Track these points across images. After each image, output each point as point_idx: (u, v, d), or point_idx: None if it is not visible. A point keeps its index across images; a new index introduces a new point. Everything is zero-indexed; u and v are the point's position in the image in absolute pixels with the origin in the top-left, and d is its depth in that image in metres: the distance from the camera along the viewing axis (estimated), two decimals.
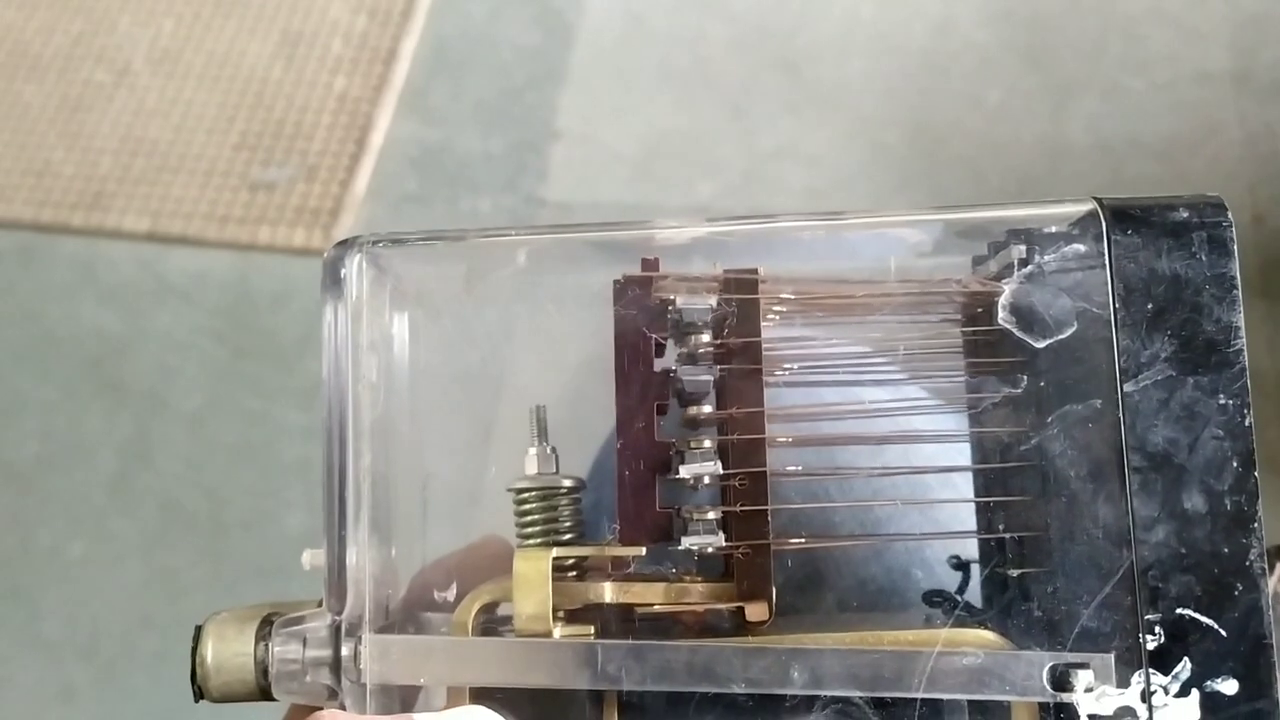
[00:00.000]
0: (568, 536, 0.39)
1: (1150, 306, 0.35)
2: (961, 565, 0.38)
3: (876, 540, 0.36)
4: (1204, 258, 0.35)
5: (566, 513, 0.40)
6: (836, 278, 0.38)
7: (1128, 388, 0.34)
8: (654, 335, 0.37)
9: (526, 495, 0.40)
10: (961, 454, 0.38)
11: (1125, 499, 0.34)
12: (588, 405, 0.41)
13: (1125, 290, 0.35)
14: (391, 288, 0.43)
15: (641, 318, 0.38)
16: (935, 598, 0.40)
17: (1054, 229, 0.36)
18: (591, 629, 0.37)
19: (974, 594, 0.38)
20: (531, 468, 0.40)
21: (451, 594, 0.42)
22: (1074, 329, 0.35)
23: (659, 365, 0.38)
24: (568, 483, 0.40)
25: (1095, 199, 0.36)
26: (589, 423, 0.42)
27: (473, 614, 0.37)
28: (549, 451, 0.41)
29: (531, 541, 0.39)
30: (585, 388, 0.41)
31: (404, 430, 0.45)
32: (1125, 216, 0.35)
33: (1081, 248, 0.35)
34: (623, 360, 0.37)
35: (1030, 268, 0.35)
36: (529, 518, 0.40)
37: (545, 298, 0.42)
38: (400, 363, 0.45)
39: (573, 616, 0.38)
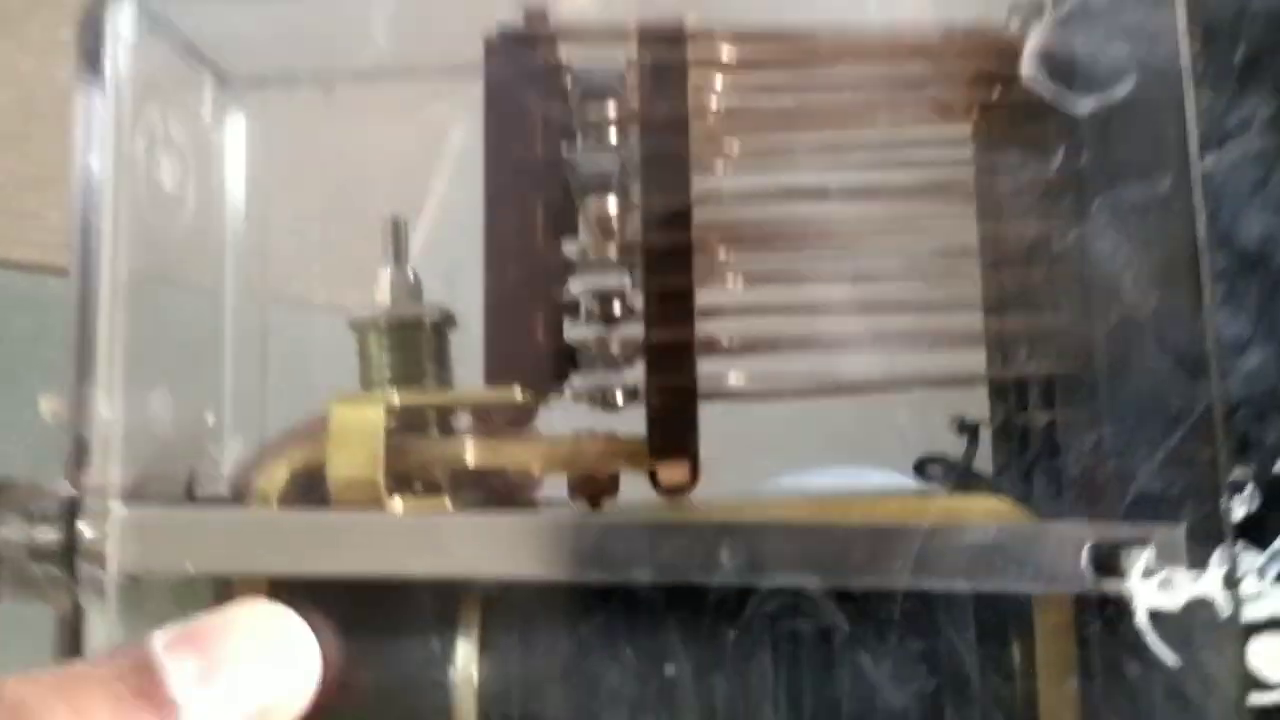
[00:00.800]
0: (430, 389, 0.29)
1: (1243, 51, 0.24)
2: (969, 427, 0.28)
3: (847, 391, 0.26)
4: None
5: (428, 355, 0.29)
6: (794, 30, 0.27)
7: (1209, 162, 0.24)
8: (536, 105, 0.27)
9: (372, 331, 0.29)
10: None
11: (1203, 313, 0.24)
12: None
13: (1206, 30, 0.25)
14: (211, 73, 0.33)
15: (520, 84, 0.27)
16: (930, 464, 0.30)
17: None
18: (445, 502, 0.26)
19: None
20: (383, 295, 0.30)
21: None
22: (1131, 88, 0.25)
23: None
24: (430, 316, 0.29)
25: None
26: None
27: (279, 482, 0.26)
28: (410, 277, 0.30)
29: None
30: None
31: (231, 261, 0.34)
32: None
33: None
34: (494, 140, 0.27)
35: (1070, 2, 0.25)
36: (375, 361, 0.29)
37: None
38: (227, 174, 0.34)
39: (425, 487, 0.27)
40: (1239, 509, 0.22)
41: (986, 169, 0.27)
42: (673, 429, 0.25)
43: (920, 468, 0.28)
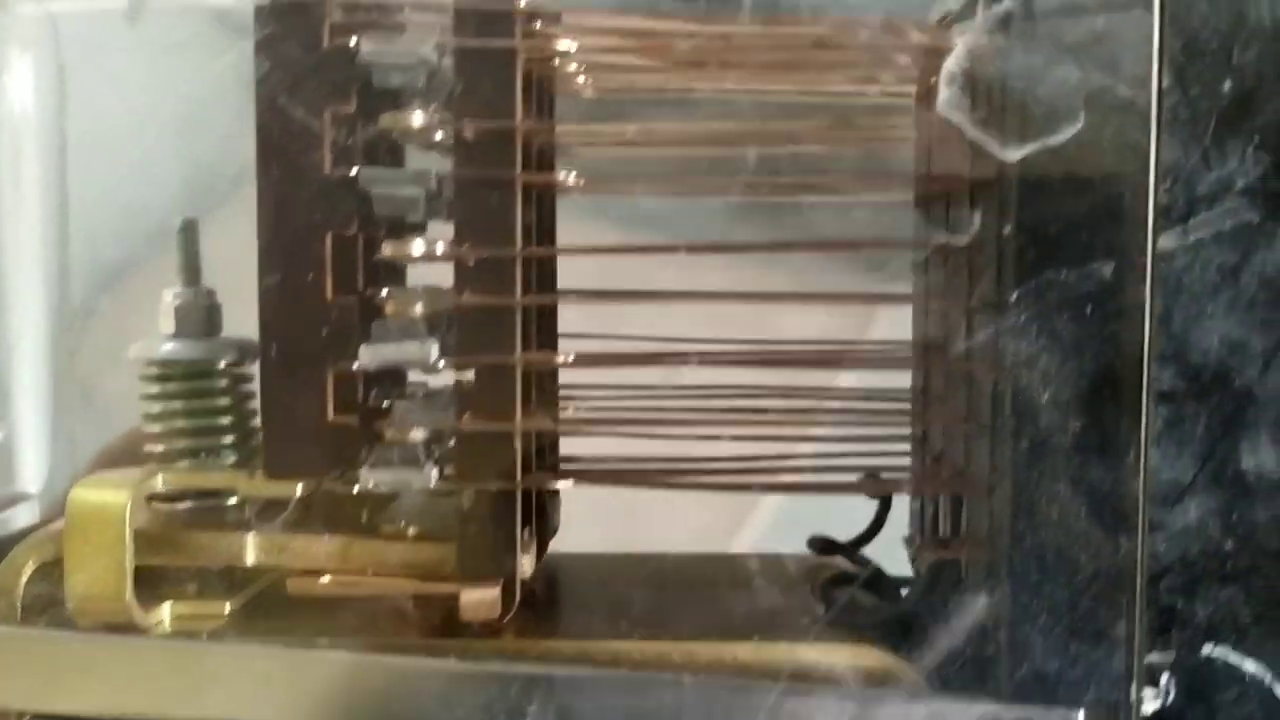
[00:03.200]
0: (227, 448, 0.24)
1: (1228, 87, 0.18)
2: (828, 547, 0.23)
3: (708, 486, 0.21)
4: None
5: (222, 406, 0.24)
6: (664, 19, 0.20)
7: (1167, 242, 0.18)
8: (321, 106, 0.21)
9: (152, 379, 0.24)
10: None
11: (1137, 446, 0.19)
12: None
13: (1185, 53, 0.18)
14: None
15: (293, 74, 0.21)
16: (824, 545, 0.25)
17: None
18: (225, 608, 0.22)
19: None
20: (167, 324, 0.24)
21: None
22: (1078, 126, 0.18)
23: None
24: (225, 356, 0.24)
25: None
26: None
27: (23, 578, 0.22)
28: (202, 300, 0.25)
29: (163, 459, 0.24)
30: None
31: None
32: None
33: None
34: (263, 154, 0.21)
35: (1008, 3, 0.18)
36: (155, 409, 0.24)
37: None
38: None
39: (207, 587, 0.23)
40: (1151, 703, 0.18)
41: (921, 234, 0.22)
42: (482, 544, 0.21)
43: (816, 546, 0.24)
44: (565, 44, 0.20)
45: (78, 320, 0.29)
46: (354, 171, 0.21)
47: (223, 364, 0.24)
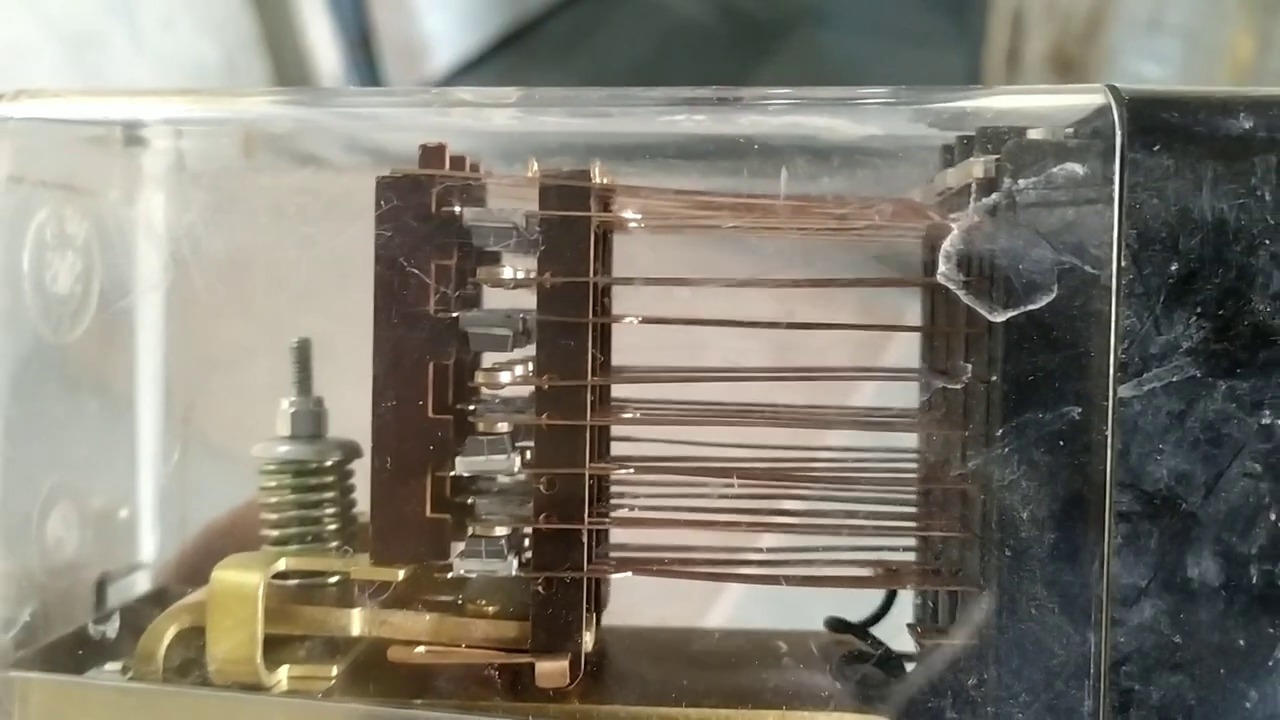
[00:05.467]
0: (330, 534, 0.28)
1: (1175, 268, 0.22)
2: (842, 626, 0.27)
3: (742, 578, 0.25)
4: (1269, 195, 0.22)
5: (329, 499, 0.28)
6: (711, 193, 0.25)
7: (1125, 391, 0.23)
8: (429, 260, 0.25)
9: (270, 474, 0.28)
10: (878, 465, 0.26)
11: (1100, 557, 0.23)
12: None
13: (1140, 240, 0.22)
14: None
15: (408, 236, 0.25)
16: (836, 625, 0.29)
17: (1041, 134, 0.23)
18: (333, 671, 0.26)
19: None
20: (282, 427, 0.29)
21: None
22: (1052, 296, 0.23)
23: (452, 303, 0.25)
24: (331, 456, 0.28)
25: (1109, 87, 0.23)
26: None
27: (165, 643, 0.26)
28: (312, 406, 0.29)
29: (276, 544, 0.28)
30: None
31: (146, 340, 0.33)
32: (1153, 122, 0.22)
33: (1079, 169, 0.23)
34: (382, 299, 0.25)
35: (995, 197, 0.23)
36: (272, 502, 0.28)
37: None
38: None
39: (314, 651, 0.27)
40: None
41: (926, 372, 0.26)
42: (555, 623, 0.25)
43: (831, 625, 0.28)
44: (630, 213, 0.25)
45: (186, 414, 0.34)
46: (455, 315, 0.25)
47: (329, 463, 0.28)
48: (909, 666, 0.27)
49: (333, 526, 0.28)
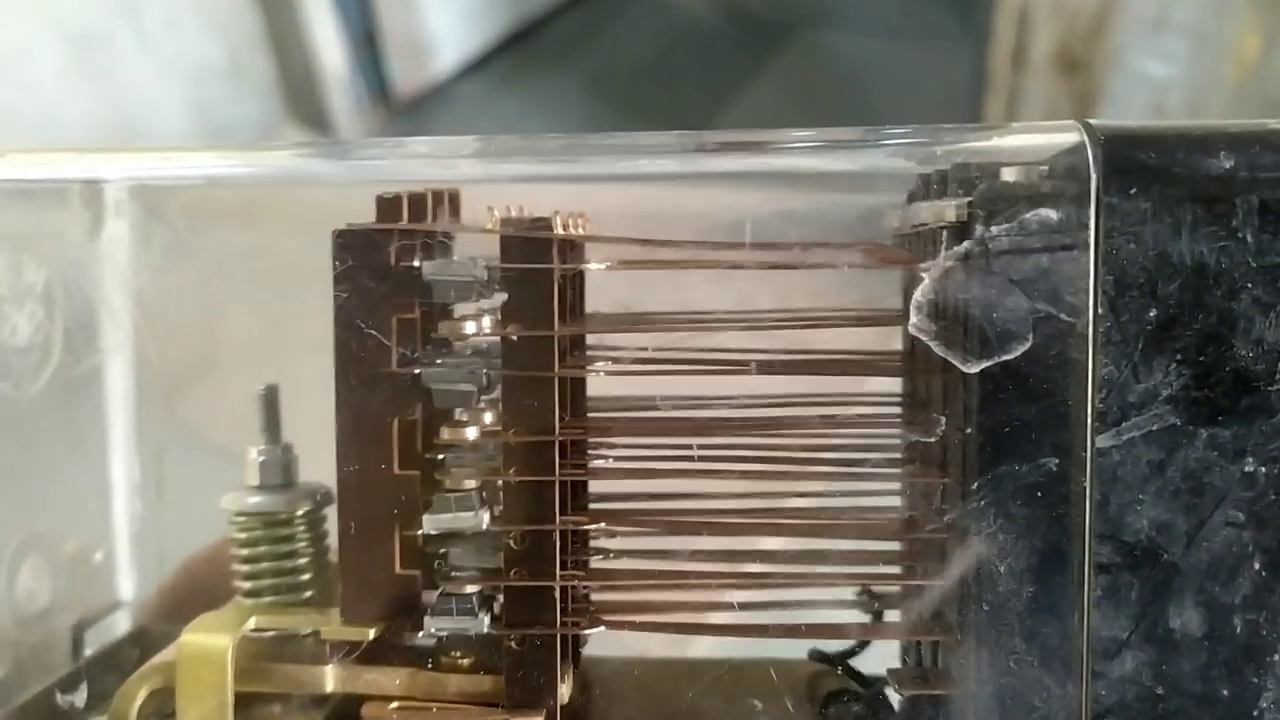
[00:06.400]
0: (292, 579, 0.28)
1: (1153, 314, 0.22)
2: (826, 660, 0.27)
3: (721, 631, 0.25)
4: (1250, 238, 0.21)
5: (301, 549, 0.28)
6: (677, 242, 0.24)
7: (1103, 441, 0.22)
8: (389, 316, 0.24)
9: (240, 525, 0.28)
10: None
11: (1080, 609, 0.22)
12: None
13: (1117, 286, 0.22)
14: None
15: (367, 291, 0.24)
16: (820, 657, 0.29)
17: (1014, 175, 0.23)
18: None
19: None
20: (251, 477, 0.28)
21: None
22: (1027, 346, 0.22)
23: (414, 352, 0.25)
24: (302, 506, 0.28)
25: (1083, 124, 0.22)
26: None
27: (136, 705, 0.26)
28: (279, 454, 0.28)
29: (249, 595, 0.28)
30: None
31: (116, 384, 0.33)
32: (1130, 163, 0.22)
33: (1052, 215, 0.22)
34: (342, 355, 0.25)
35: (967, 244, 0.22)
36: (243, 554, 0.28)
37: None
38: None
39: (289, 706, 0.27)
40: None
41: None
42: (530, 683, 0.25)
43: (815, 657, 0.27)
44: (594, 263, 0.24)
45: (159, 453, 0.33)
46: (417, 371, 0.24)
47: (300, 512, 0.28)
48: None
49: (306, 576, 0.28)
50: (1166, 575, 0.22)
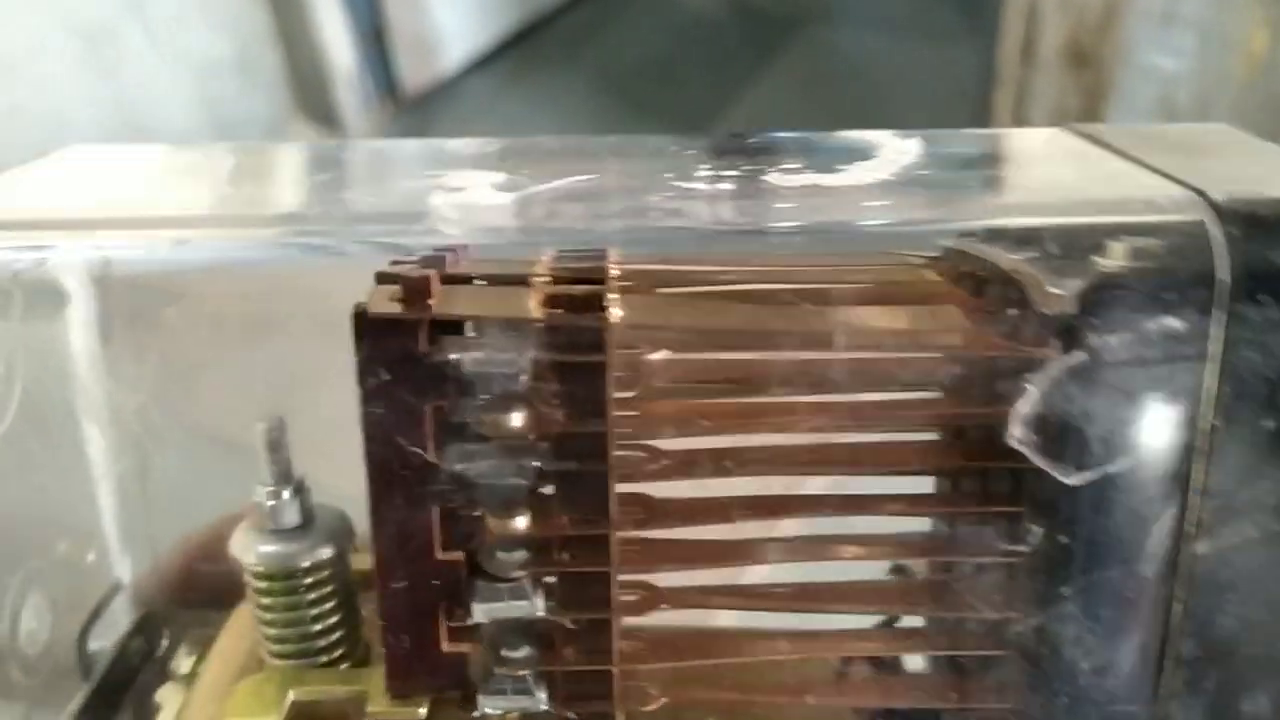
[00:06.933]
0: (322, 635, 0.26)
1: (1267, 424, 0.20)
2: None
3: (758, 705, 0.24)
4: None
5: (313, 599, 0.26)
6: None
7: (1200, 548, 0.21)
8: (423, 405, 0.22)
9: (257, 577, 0.26)
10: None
11: (1158, 698, 0.22)
12: None
13: (1233, 395, 0.20)
14: None
15: (400, 380, 0.22)
16: None
17: (1119, 265, 0.20)
18: None
19: None
20: (263, 523, 0.26)
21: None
22: (1134, 460, 0.20)
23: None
24: (321, 553, 0.26)
25: (1214, 207, 0.20)
26: None
27: None
28: (290, 496, 0.26)
29: (277, 655, 0.26)
30: None
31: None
32: (1267, 268, 0.19)
33: (1176, 324, 0.20)
34: (374, 450, 0.22)
35: (1080, 357, 0.20)
36: (266, 615, 0.26)
37: None
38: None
39: None
40: None
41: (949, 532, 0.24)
42: None
43: None
44: (657, 355, 0.21)
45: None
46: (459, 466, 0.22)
47: (323, 558, 0.26)
48: None
49: (336, 636, 0.26)
50: (1244, 668, 0.22)
